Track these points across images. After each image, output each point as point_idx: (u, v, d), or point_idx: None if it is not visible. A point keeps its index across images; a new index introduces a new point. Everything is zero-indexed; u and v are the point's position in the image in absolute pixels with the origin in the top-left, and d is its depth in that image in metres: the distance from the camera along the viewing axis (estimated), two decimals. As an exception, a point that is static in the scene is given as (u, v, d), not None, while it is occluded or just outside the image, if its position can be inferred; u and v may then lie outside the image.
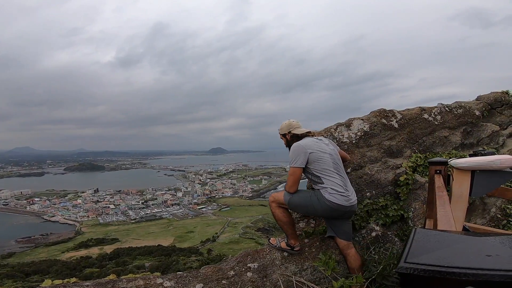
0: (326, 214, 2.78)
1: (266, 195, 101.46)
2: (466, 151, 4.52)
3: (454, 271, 0.63)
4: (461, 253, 0.71)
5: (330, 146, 2.91)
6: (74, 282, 2.16)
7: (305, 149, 2.72)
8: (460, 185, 1.86)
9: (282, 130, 3.05)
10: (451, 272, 0.63)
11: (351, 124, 3.97)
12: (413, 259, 0.67)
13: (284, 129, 3.03)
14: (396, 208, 3.53)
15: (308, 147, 2.75)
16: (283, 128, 3.04)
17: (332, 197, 2.64)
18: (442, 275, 0.63)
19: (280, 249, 3.09)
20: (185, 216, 79.29)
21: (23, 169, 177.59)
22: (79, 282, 2.13)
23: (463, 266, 0.64)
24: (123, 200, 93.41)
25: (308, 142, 2.82)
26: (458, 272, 0.62)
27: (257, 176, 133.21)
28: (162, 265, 22.45)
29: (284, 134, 3.05)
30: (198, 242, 51.01)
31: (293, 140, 2.91)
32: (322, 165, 2.73)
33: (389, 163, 3.83)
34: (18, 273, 23.85)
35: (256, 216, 69.70)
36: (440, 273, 0.63)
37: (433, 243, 0.76)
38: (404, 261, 0.68)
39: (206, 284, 2.51)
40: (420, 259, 0.67)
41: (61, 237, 62.33)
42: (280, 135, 3.11)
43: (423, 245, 0.75)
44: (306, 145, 2.77)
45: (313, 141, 2.84)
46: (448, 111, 4.68)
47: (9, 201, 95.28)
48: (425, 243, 0.76)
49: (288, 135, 3.00)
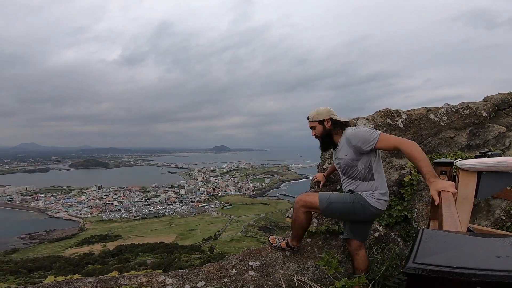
0: (365, 220, 2.55)
1: (269, 194, 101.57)
2: (472, 152, 4.47)
3: (463, 272, 0.61)
4: (470, 254, 0.70)
5: None
6: (77, 278, 2.16)
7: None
8: (466, 186, 1.84)
9: (320, 116, 2.52)
10: (460, 273, 0.61)
11: (356, 124, 3.94)
12: (422, 260, 0.66)
13: (323, 114, 2.51)
14: (400, 208, 3.50)
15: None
16: (321, 114, 2.51)
17: (378, 203, 2.40)
18: (452, 276, 0.61)
19: (279, 249, 2.97)
20: (188, 213, 79.63)
21: (29, 165, 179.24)
22: (81, 279, 2.13)
23: (472, 267, 0.62)
24: (127, 196, 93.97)
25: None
26: (468, 273, 0.61)
27: (260, 174, 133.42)
28: (164, 262, 22.53)
29: (322, 121, 2.52)
30: (200, 240, 51.18)
31: (335, 129, 2.51)
32: (379, 159, 2.46)
33: (394, 163, 3.80)
34: (21, 269, 24.04)
35: (258, 215, 69.86)
36: (449, 274, 0.62)
37: (442, 244, 0.74)
38: (413, 262, 0.66)
39: (208, 282, 2.50)
40: (429, 260, 0.65)
41: (65, 233, 62.87)
42: (313, 122, 2.57)
43: (431, 245, 0.73)
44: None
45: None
46: (454, 111, 4.63)
47: (14, 197, 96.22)
48: (433, 243, 0.74)
49: (328, 122, 2.51)
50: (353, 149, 2.37)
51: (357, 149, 2.35)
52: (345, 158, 2.44)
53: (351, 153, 2.39)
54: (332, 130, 2.52)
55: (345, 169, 2.49)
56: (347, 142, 2.41)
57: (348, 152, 2.41)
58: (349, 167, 2.45)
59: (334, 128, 2.52)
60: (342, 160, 2.47)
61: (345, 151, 2.44)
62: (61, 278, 2.13)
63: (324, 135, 2.54)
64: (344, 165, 2.47)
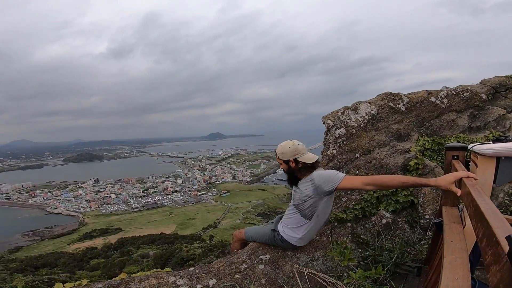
0: (285, 248, 2.87)
1: (266, 179, 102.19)
2: (473, 134, 4.47)
3: None
4: None
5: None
6: (86, 284, 2.10)
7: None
8: (484, 172, 1.78)
9: (285, 155, 2.45)
10: None
11: (358, 108, 3.87)
12: None
13: (287, 154, 2.44)
14: (406, 194, 3.47)
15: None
16: (286, 153, 2.45)
17: (298, 243, 2.67)
18: None
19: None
20: (186, 203, 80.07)
21: (22, 162, 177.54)
22: (90, 285, 2.06)
23: None
24: (124, 189, 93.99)
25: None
26: None
27: (256, 160, 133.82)
28: (166, 253, 22.67)
29: (287, 161, 2.48)
30: (200, 229, 51.64)
31: (301, 170, 2.47)
32: (328, 207, 2.55)
33: (398, 147, 3.76)
34: (27, 267, 24.08)
35: (256, 201, 70.46)
36: None
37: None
38: None
39: (220, 280, 2.46)
40: None
41: (66, 229, 63.03)
42: (279, 159, 2.54)
43: None
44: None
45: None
46: (454, 94, 4.60)
47: (11, 195, 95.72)
48: None
49: (293, 163, 2.45)
50: (314, 187, 2.38)
51: (317, 188, 2.37)
52: (303, 192, 2.45)
53: (310, 190, 2.41)
54: (297, 171, 2.49)
55: (296, 199, 2.55)
56: (311, 179, 2.41)
57: (308, 188, 2.42)
58: (300, 200, 2.50)
59: (300, 170, 2.48)
60: (299, 193, 2.50)
61: (306, 186, 2.44)
62: (70, 285, 2.07)
63: (289, 173, 2.54)
64: (298, 197, 2.51)
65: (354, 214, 3.29)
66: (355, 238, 3.24)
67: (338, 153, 3.58)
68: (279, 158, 2.52)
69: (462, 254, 1.48)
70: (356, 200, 3.39)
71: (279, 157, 2.51)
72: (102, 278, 16.47)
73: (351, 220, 3.30)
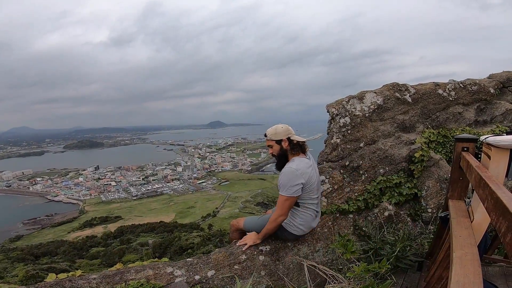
0: (285, 239, 2.81)
1: (265, 169, 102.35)
2: (479, 128, 4.40)
3: None
4: None
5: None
6: (80, 275, 2.04)
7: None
8: (497, 164, 1.69)
9: (278, 135, 2.44)
10: None
11: (363, 97, 3.77)
12: None
13: (281, 134, 2.44)
14: (410, 186, 3.41)
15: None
16: (279, 133, 2.44)
17: (296, 231, 2.60)
18: None
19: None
20: (186, 191, 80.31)
21: (22, 149, 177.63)
22: (85, 276, 2.01)
23: None
24: (124, 176, 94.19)
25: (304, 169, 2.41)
26: None
27: (256, 149, 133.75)
28: (165, 242, 22.83)
29: (279, 141, 2.46)
30: (199, 218, 51.90)
31: (293, 149, 2.47)
32: (310, 193, 2.48)
33: (403, 138, 3.67)
34: (28, 255, 24.29)
35: (255, 190, 70.64)
36: None
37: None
38: None
39: (218, 271, 2.41)
40: None
41: (66, 217, 63.40)
42: (270, 141, 2.51)
43: None
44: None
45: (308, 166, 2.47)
46: (462, 87, 4.52)
47: (12, 182, 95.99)
48: None
49: (286, 142, 2.45)
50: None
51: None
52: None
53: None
54: (289, 151, 2.48)
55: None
56: (284, 168, 2.44)
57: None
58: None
59: (292, 149, 2.48)
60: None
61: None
62: (63, 275, 2.01)
63: (280, 155, 2.50)
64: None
65: (357, 205, 3.23)
66: (357, 230, 3.17)
67: (342, 142, 3.49)
68: (271, 140, 2.49)
69: (472, 249, 1.41)
70: (359, 191, 3.32)
71: (272, 138, 2.48)
72: (102, 267, 16.57)
73: (354, 212, 3.23)
